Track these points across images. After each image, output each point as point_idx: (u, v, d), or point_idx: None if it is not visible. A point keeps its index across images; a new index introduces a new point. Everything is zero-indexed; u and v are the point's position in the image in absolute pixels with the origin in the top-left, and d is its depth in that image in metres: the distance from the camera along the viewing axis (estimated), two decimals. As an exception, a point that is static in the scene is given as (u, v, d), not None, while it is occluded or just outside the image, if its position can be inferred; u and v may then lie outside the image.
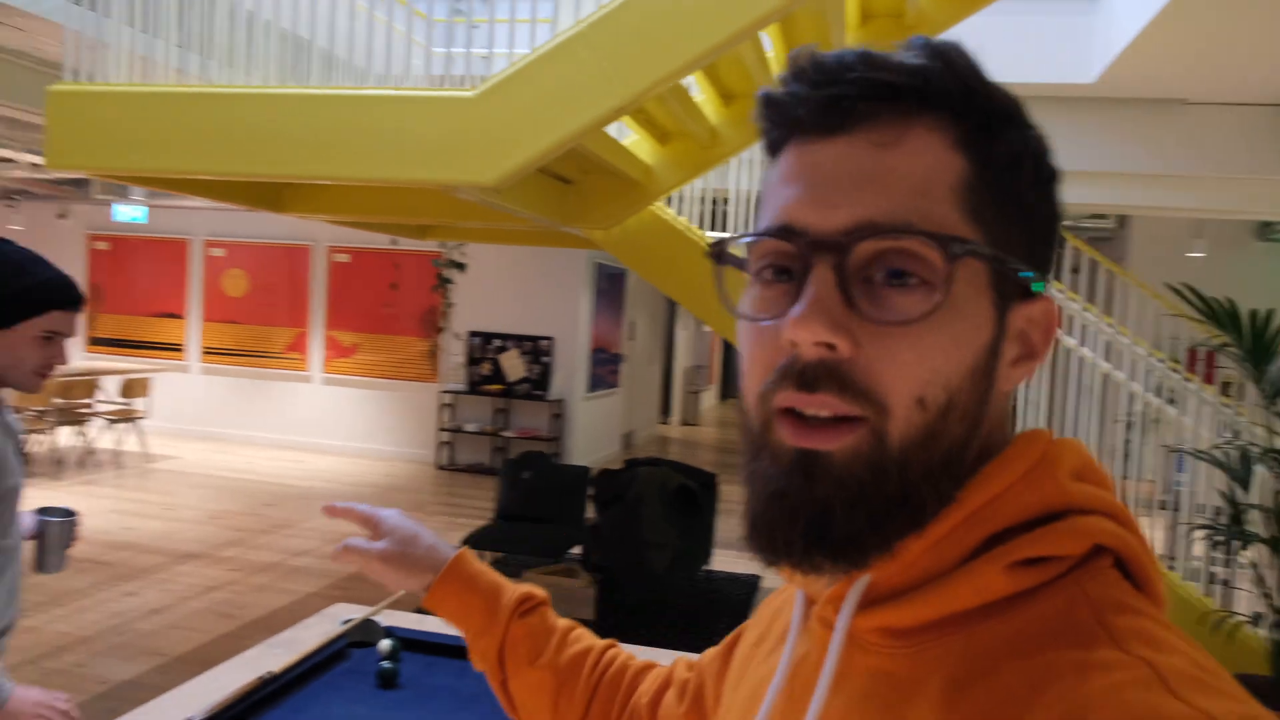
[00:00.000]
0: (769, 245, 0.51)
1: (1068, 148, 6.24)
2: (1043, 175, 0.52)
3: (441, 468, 9.84)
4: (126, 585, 5.36)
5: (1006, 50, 6.04)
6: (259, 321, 10.58)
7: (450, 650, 2.13)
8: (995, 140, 0.50)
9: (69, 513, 2.09)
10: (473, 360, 9.94)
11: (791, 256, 0.50)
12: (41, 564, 2.06)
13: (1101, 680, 0.42)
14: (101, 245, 11.03)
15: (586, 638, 0.92)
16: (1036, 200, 0.52)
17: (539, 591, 0.93)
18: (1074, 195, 6.66)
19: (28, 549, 2.04)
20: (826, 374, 0.48)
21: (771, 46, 3.74)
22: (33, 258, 1.86)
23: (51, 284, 1.83)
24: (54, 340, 1.83)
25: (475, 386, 9.87)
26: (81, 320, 1.93)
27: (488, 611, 0.89)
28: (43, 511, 2.09)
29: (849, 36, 3.68)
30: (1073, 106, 6.33)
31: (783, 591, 0.69)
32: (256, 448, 10.28)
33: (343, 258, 10.29)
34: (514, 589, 0.92)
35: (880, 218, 0.48)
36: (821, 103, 0.50)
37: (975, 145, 0.50)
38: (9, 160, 7.74)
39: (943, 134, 0.50)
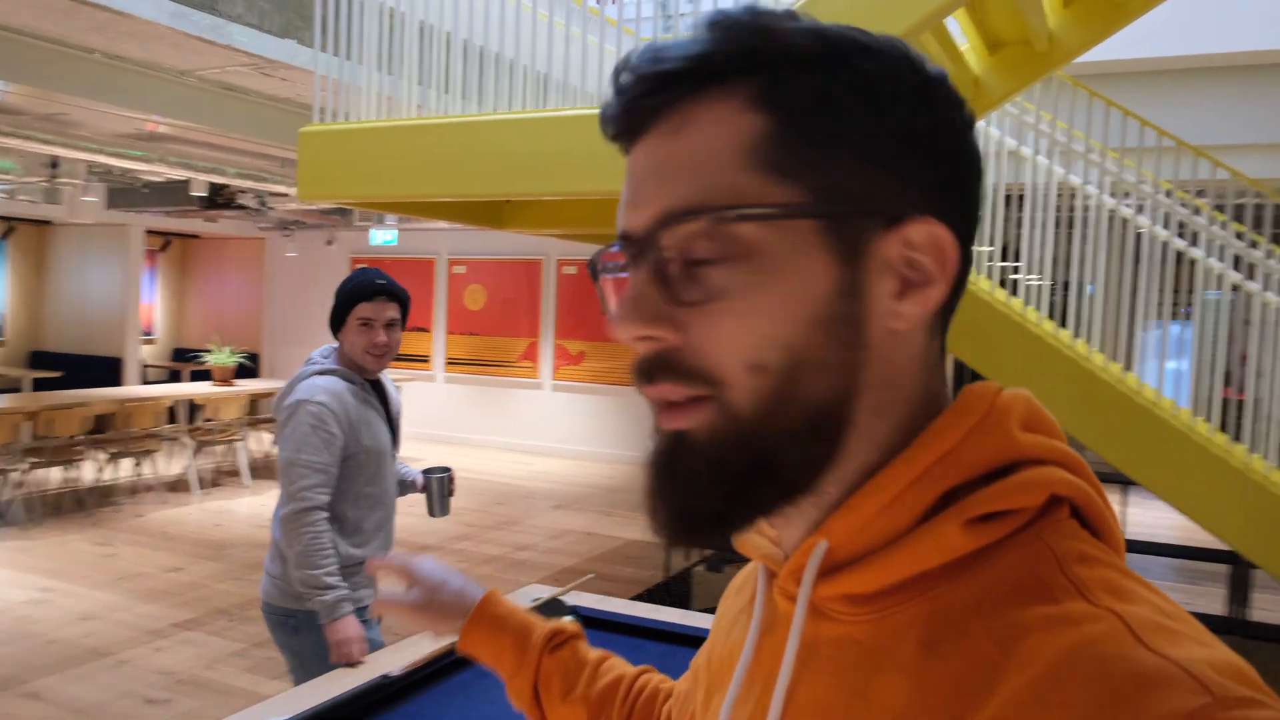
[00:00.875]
0: (616, 253, 0.54)
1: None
2: (885, 98, 0.49)
3: (661, 471, 10.11)
4: (375, 570, 5.95)
5: (1227, 18, 5.49)
6: (496, 333, 11.35)
7: (627, 629, 2.27)
8: (794, 87, 0.49)
9: (446, 470, 2.69)
10: (691, 366, 10.17)
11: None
12: (430, 510, 2.67)
13: (1071, 635, 0.42)
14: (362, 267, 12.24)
15: (619, 666, 0.91)
16: (882, 125, 0.49)
17: (570, 626, 0.92)
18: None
19: (419, 500, 2.70)
20: (661, 364, 0.50)
21: (965, 39, 3.63)
22: (361, 270, 2.52)
23: (355, 283, 2.46)
24: (370, 325, 2.43)
25: (694, 392, 10.08)
26: (391, 310, 2.49)
27: (518, 650, 0.89)
28: (428, 471, 2.69)
29: (1051, 20, 3.50)
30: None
31: (747, 569, 0.67)
32: (491, 450, 11.02)
33: (570, 270, 10.84)
34: (544, 626, 0.91)
35: (676, 205, 0.49)
36: (619, 112, 0.52)
37: (774, 98, 0.49)
38: (284, 195, 8.80)
39: (735, 100, 0.49)
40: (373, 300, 2.43)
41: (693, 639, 2.23)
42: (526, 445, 11.11)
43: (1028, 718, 0.41)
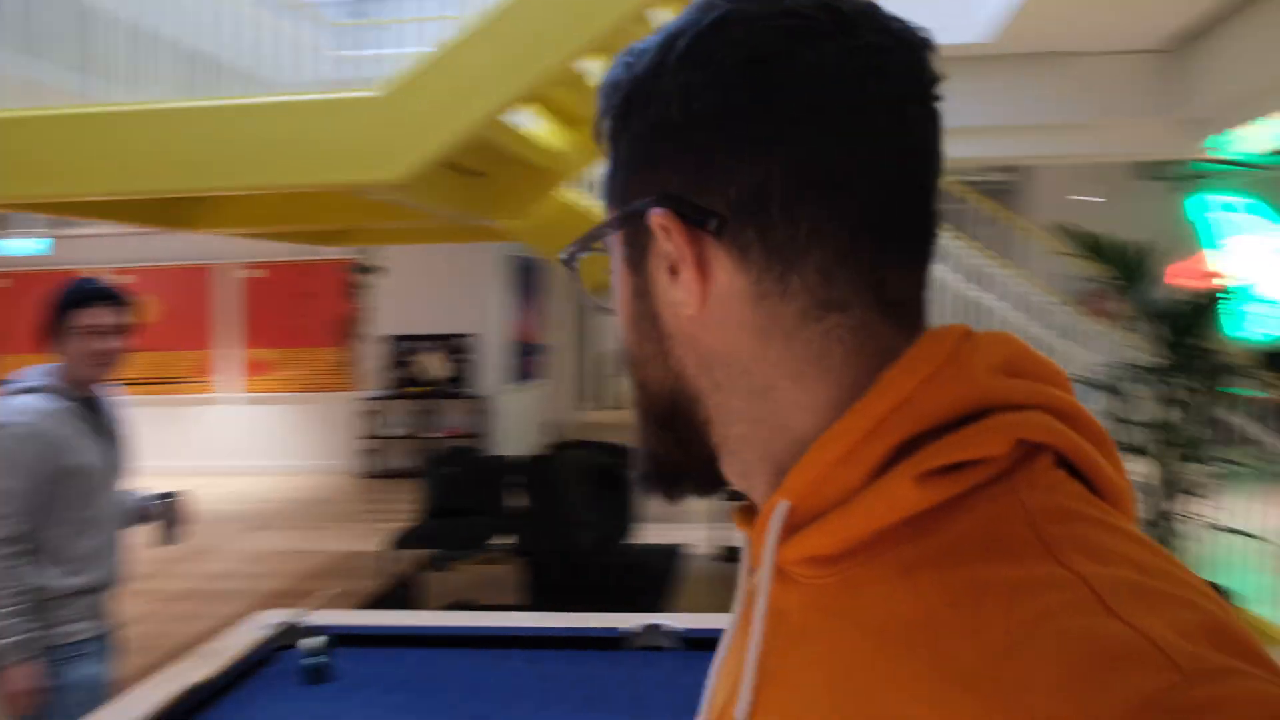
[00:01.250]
0: None
1: (971, 105, 6.53)
2: (643, 96, 0.50)
3: (365, 476, 9.69)
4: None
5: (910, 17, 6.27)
6: (170, 347, 10.29)
7: (380, 640, 2.18)
8: (617, 128, 0.53)
9: (172, 495, 2.61)
10: (394, 364, 9.87)
11: None
12: (160, 538, 2.59)
13: (1034, 603, 0.39)
14: (2, 282, 10.59)
15: None
16: (642, 123, 0.50)
17: None
18: (976, 150, 6.96)
19: (149, 528, 2.61)
20: None
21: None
22: (80, 280, 2.40)
23: (70, 291, 2.34)
24: (91, 333, 2.31)
25: (398, 390, 9.80)
26: (112, 315, 2.37)
27: None
28: (152, 497, 2.59)
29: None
30: (976, 65, 6.52)
31: None
32: (170, 476, 9.94)
33: (258, 273, 10.09)
34: None
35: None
36: None
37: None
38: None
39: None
40: (91, 306, 2.32)
41: (451, 639, 2.18)
42: (214, 466, 10.16)
43: (981, 689, 0.38)
